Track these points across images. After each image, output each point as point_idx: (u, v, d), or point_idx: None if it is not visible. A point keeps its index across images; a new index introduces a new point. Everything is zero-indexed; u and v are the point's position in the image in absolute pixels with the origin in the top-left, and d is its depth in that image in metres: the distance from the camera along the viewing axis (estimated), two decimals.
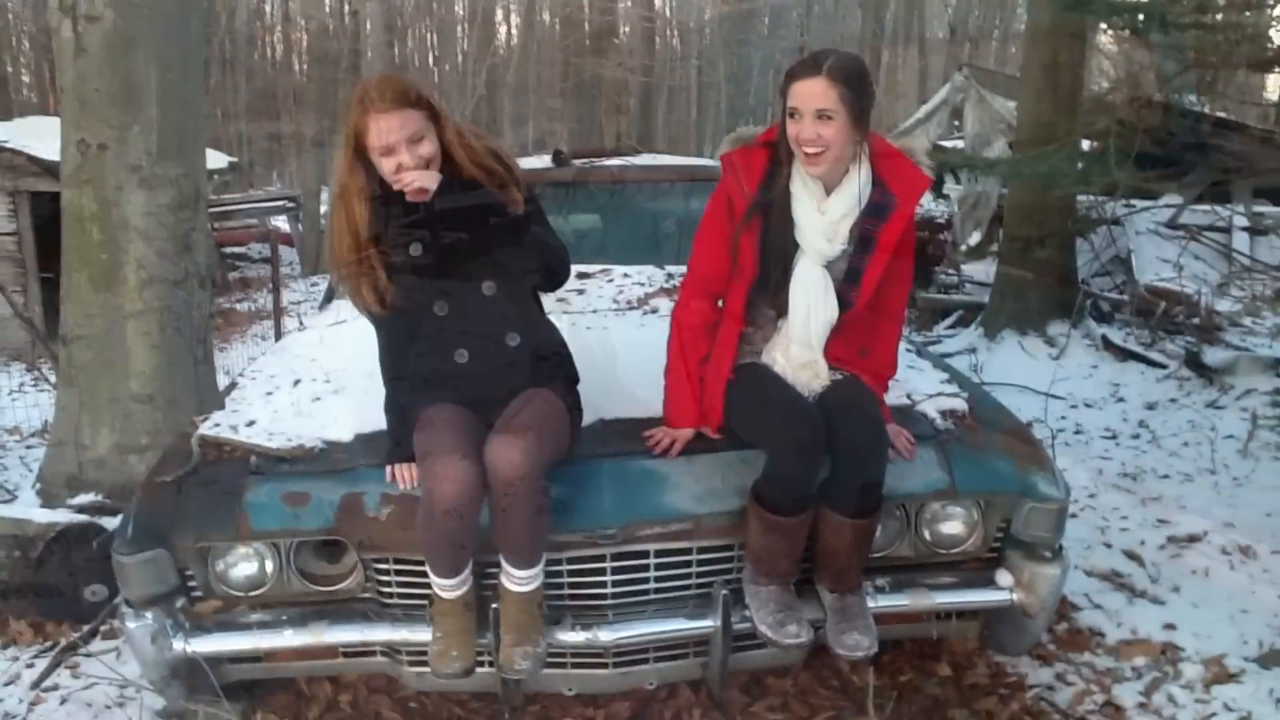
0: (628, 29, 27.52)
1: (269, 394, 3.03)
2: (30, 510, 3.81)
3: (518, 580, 2.45)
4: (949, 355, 6.90)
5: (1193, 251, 7.42)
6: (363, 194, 2.47)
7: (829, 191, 2.52)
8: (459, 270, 2.53)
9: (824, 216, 2.51)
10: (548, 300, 2.80)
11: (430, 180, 2.43)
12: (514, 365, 2.59)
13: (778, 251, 2.56)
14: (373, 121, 2.37)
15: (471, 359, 2.58)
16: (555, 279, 2.71)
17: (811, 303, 2.56)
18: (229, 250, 15.72)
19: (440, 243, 2.49)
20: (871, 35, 24.25)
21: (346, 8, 20.66)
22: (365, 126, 2.39)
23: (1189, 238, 7.51)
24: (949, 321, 8.42)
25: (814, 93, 2.38)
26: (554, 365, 2.67)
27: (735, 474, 2.61)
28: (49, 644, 3.43)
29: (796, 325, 2.59)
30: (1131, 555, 3.90)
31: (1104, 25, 5.28)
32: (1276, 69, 4.62)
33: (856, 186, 2.50)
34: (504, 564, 2.45)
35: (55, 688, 3.17)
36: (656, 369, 2.78)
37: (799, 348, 2.61)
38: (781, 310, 2.60)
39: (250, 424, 2.81)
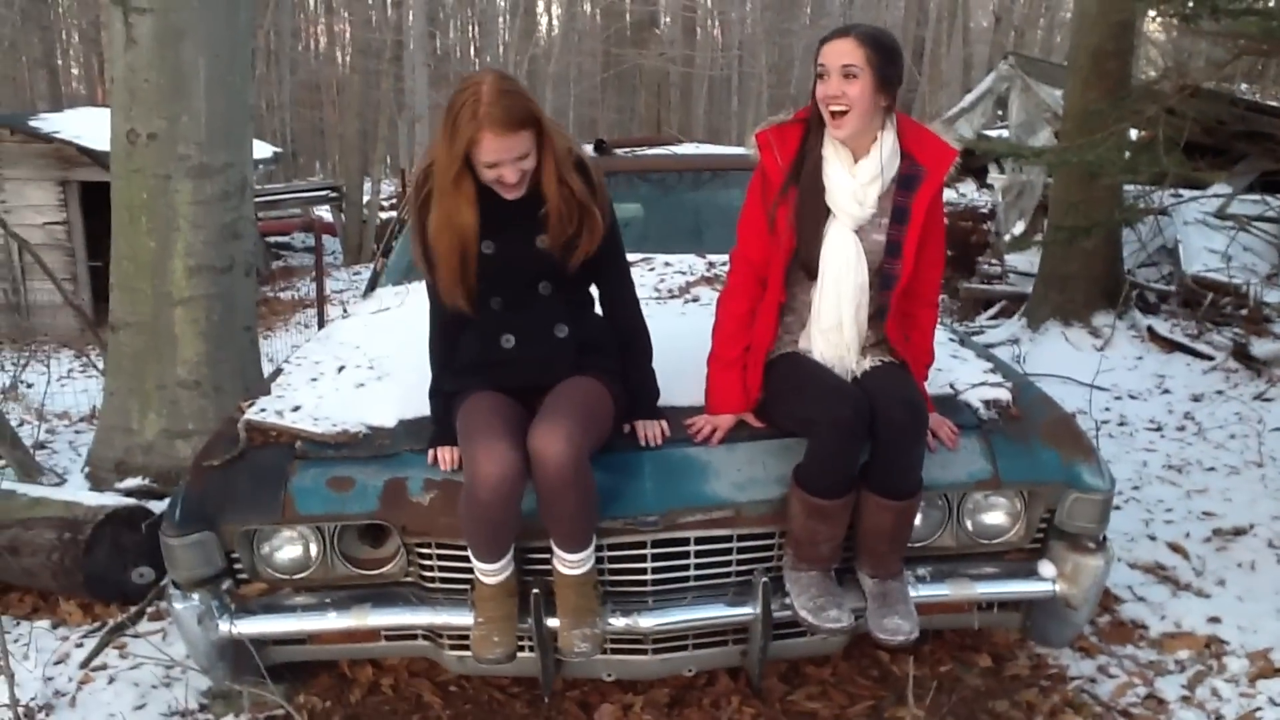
0: (669, 19, 27.45)
1: (314, 380, 3.06)
2: (79, 493, 3.88)
3: (570, 564, 2.47)
4: (992, 345, 6.85)
5: (1241, 242, 7.29)
6: (470, 199, 2.47)
7: (857, 160, 2.57)
8: (519, 272, 2.57)
9: (854, 180, 2.55)
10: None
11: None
12: (560, 355, 2.61)
13: (811, 216, 2.59)
14: (488, 139, 2.34)
15: (518, 345, 2.60)
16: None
17: (842, 266, 2.58)
18: (273, 239, 15.90)
19: (507, 245, 2.53)
20: (915, 23, 24.02)
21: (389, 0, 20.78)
22: (479, 140, 2.35)
23: (1238, 228, 7.38)
24: (992, 312, 8.34)
25: (841, 50, 2.47)
26: (599, 355, 2.68)
27: (777, 461, 2.61)
28: (97, 624, 3.49)
29: (827, 288, 2.61)
30: (1176, 548, 3.86)
31: (1153, 12, 5.19)
32: None
33: (883, 152, 2.55)
34: (555, 549, 2.47)
35: (103, 667, 3.23)
36: (698, 358, 2.78)
37: (829, 313, 2.61)
38: (814, 273, 2.62)
39: (295, 409, 2.84)
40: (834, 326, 2.62)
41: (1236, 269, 6.97)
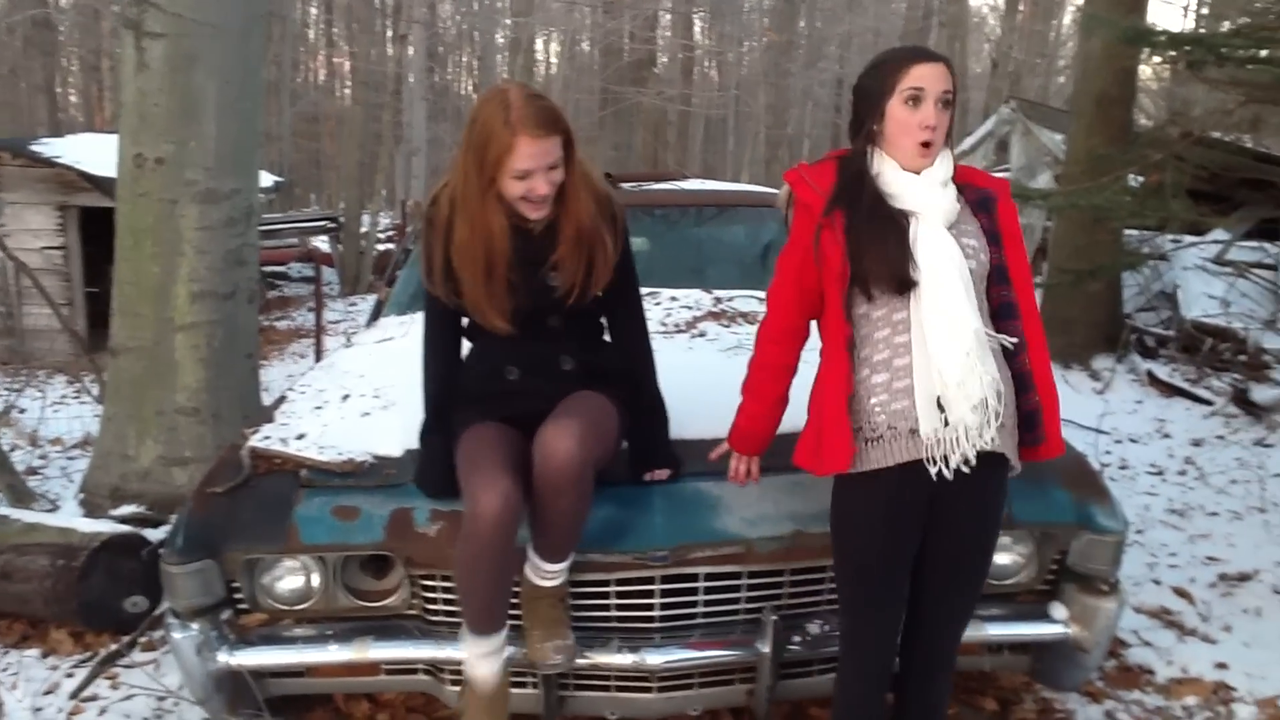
0: (666, 59, 27.65)
1: (318, 408, 3.03)
2: (75, 520, 3.84)
3: (548, 575, 2.42)
4: None
5: (1240, 288, 7.33)
6: (503, 214, 2.40)
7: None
8: (531, 305, 2.51)
9: (929, 175, 2.20)
10: None
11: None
12: (564, 388, 2.54)
13: (874, 226, 2.17)
14: (523, 145, 2.27)
15: (522, 377, 2.56)
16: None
17: (946, 266, 2.13)
18: (268, 269, 15.88)
19: (522, 279, 2.47)
20: None
21: (390, 34, 20.88)
22: (513, 147, 2.27)
23: (1237, 274, 7.42)
24: None
25: (939, 76, 2.15)
26: (607, 382, 2.62)
27: (788, 498, 2.57)
28: (89, 654, 3.44)
29: (942, 290, 2.11)
30: (1181, 592, 3.84)
31: (1157, 58, 5.24)
32: None
33: (948, 162, 2.23)
34: (534, 560, 2.42)
35: (94, 698, 3.18)
36: (704, 392, 2.74)
37: (943, 339, 2.09)
38: (906, 287, 2.13)
39: (300, 437, 2.81)
40: (970, 352, 2.09)
41: (1235, 315, 6.99)
